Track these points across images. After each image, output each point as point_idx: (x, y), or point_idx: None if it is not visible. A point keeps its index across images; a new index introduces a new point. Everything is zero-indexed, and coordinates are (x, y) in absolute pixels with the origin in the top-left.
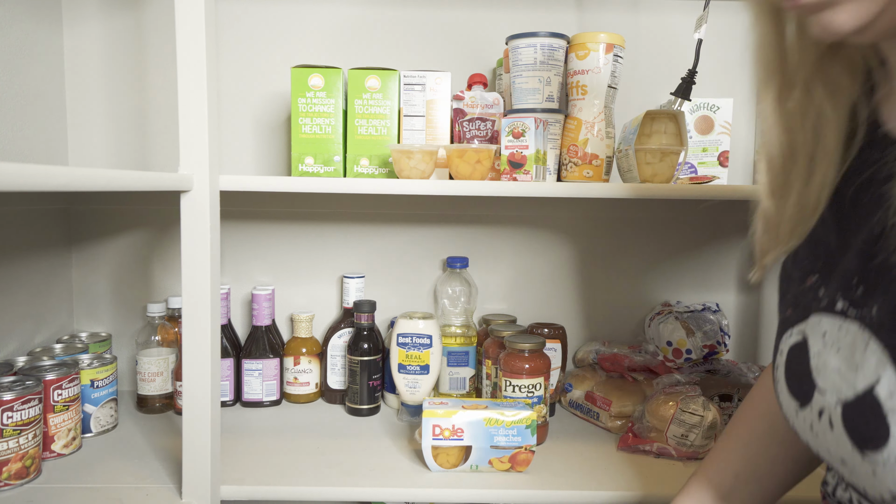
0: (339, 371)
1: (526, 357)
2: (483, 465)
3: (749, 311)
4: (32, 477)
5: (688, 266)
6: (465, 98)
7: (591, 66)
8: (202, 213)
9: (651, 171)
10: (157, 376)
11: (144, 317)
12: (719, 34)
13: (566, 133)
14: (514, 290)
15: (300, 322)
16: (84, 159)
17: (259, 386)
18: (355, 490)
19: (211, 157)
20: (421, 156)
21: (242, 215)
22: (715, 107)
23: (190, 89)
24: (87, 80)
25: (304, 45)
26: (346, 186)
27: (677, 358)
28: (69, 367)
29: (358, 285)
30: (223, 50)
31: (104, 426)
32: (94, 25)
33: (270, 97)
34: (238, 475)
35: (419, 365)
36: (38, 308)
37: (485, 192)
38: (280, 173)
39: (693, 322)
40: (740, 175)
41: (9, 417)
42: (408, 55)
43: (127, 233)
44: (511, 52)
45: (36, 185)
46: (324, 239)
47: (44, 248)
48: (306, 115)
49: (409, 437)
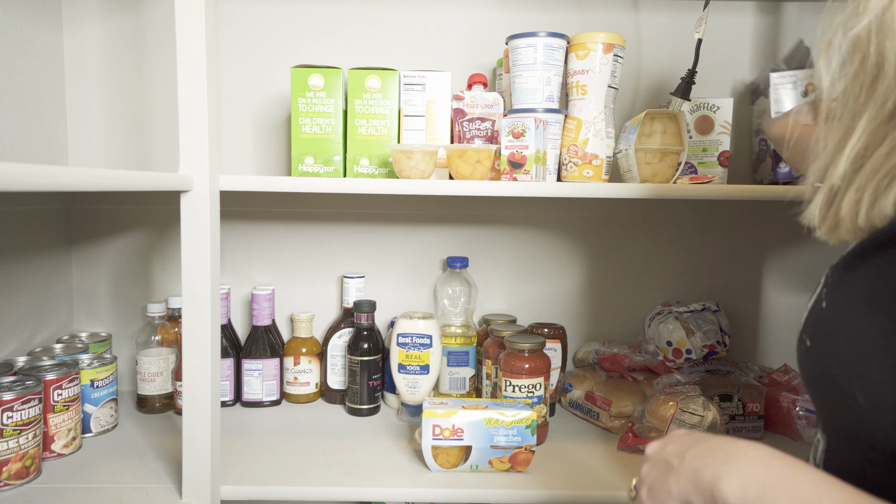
0: (339, 371)
1: (526, 357)
2: (483, 465)
3: (749, 311)
4: (32, 477)
5: (688, 266)
6: (465, 98)
7: (591, 66)
8: (202, 213)
9: (651, 171)
10: (157, 376)
11: (144, 317)
12: (719, 34)
13: (566, 133)
14: (514, 290)
15: (300, 322)
16: (84, 159)
17: (259, 386)
18: (355, 490)
19: (211, 157)
20: (421, 156)
21: (242, 215)
22: (715, 107)
23: (190, 89)
24: (87, 80)
25: (304, 45)
26: (346, 186)
27: (677, 358)
28: (69, 367)
29: (358, 285)
30: (223, 50)
31: (104, 426)
32: (94, 25)
33: (270, 97)
34: (238, 475)
35: (419, 365)
36: (38, 308)
37: (485, 192)
38: (280, 173)
39: (693, 322)
40: (740, 175)
41: (9, 417)
42: (408, 55)
43: (127, 233)
44: (511, 52)
45: (36, 185)
46: (324, 239)
47: (44, 248)
48: (306, 115)
49: (409, 437)
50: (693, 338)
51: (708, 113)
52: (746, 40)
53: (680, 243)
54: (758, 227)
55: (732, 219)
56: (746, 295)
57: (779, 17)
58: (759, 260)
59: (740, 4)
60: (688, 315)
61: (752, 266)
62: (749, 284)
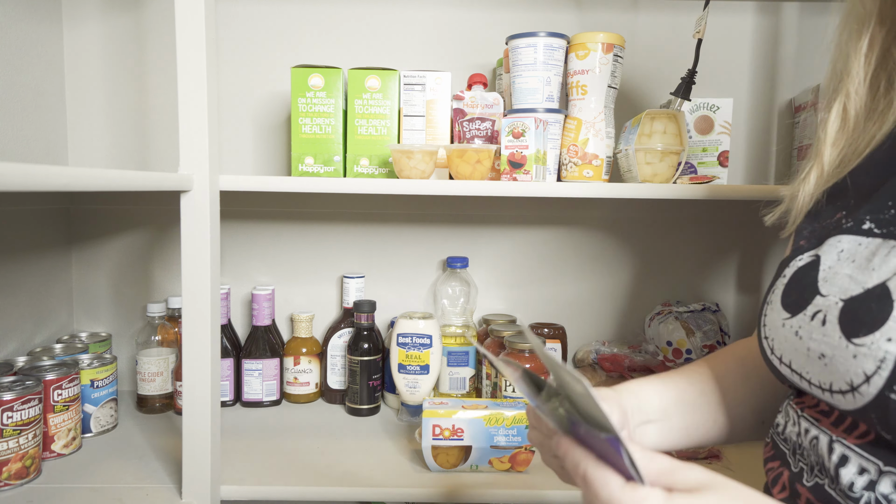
0: (339, 371)
1: (526, 357)
2: (483, 465)
3: (749, 311)
4: (32, 477)
5: (688, 266)
6: (465, 98)
7: (590, 66)
8: (202, 213)
9: (651, 171)
10: (157, 376)
11: (144, 317)
12: (719, 34)
13: (566, 133)
14: (514, 290)
15: (300, 322)
16: (84, 159)
17: (259, 386)
18: (355, 490)
19: (211, 157)
20: (421, 156)
21: (242, 215)
22: (715, 107)
23: (190, 89)
24: (87, 80)
25: (304, 45)
26: (346, 186)
27: (677, 358)
28: (69, 367)
29: (358, 285)
30: (223, 50)
31: (104, 426)
32: (94, 25)
33: (270, 97)
34: (238, 475)
35: (419, 365)
36: (38, 308)
37: (485, 192)
38: (280, 173)
39: (693, 322)
40: (740, 175)
41: (9, 417)
42: (408, 55)
43: (127, 233)
44: (511, 52)
45: (36, 185)
46: (324, 239)
47: (44, 248)
48: (306, 115)
49: (409, 437)
50: (693, 338)
51: (708, 113)
52: (746, 40)
53: (680, 243)
54: (758, 227)
55: (732, 219)
56: (746, 295)
57: (779, 17)
58: (759, 260)
59: (740, 4)
60: (688, 315)
61: (752, 266)
62: (749, 284)
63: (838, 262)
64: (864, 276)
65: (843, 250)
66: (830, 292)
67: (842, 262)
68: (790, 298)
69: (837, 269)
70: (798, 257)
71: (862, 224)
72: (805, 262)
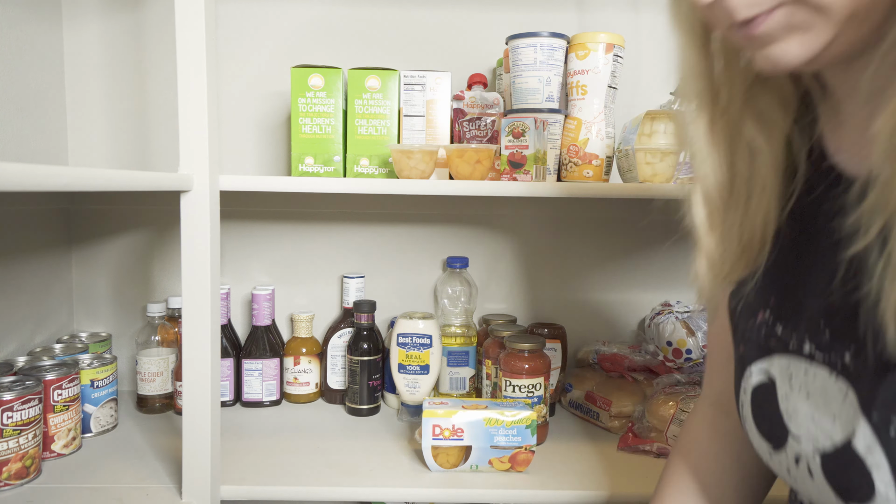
0: (339, 371)
1: (526, 357)
2: (483, 465)
3: None
4: (32, 477)
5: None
6: (465, 98)
7: (591, 66)
8: (202, 213)
9: (651, 171)
10: (157, 376)
11: (144, 317)
12: None
13: (566, 133)
14: (514, 290)
15: (300, 322)
16: (84, 159)
17: (259, 386)
18: (355, 490)
19: (211, 157)
20: (421, 156)
21: (242, 215)
22: None
23: (190, 89)
24: (87, 80)
25: (304, 45)
26: (346, 186)
27: (677, 358)
28: (69, 367)
29: (358, 285)
30: (223, 50)
31: (104, 426)
32: (94, 25)
33: (270, 97)
34: (238, 475)
35: (419, 365)
36: (38, 308)
37: (485, 192)
38: (280, 173)
39: (693, 322)
40: None
41: (9, 417)
42: (408, 55)
43: (127, 233)
44: (511, 52)
45: (36, 185)
46: (324, 239)
47: (44, 248)
48: (306, 115)
49: (409, 437)
50: (693, 338)
51: None
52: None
53: (680, 243)
54: None
55: None
56: None
57: None
58: None
59: None
60: (688, 315)
61: None
62: None
63: (792, 392)
64: (826, 421)
65: (792, 376)
66: (800, 434)
67: (795, 391)
68: (764, 426)
69: (795, 402)
70: (747, 370)
71: (802, 347)
72: (759, 382)
